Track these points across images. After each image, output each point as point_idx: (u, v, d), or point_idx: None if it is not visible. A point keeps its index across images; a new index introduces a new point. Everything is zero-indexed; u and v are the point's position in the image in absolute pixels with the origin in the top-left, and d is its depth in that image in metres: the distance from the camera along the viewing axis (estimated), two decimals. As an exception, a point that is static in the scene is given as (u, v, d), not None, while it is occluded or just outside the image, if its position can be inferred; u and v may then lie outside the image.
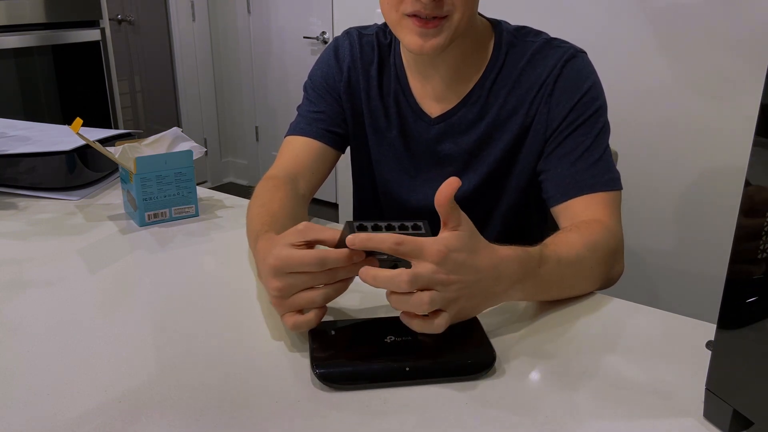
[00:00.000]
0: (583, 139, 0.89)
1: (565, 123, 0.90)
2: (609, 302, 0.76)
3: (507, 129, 0.94)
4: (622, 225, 0.87)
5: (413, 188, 1.02)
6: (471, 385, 0.59)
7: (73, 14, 2.68)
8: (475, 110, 0.95)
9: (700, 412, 0.55)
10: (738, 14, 1.60)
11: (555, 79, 0.91)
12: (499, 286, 0.63)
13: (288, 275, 0.62)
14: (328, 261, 0.61)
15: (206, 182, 3.86)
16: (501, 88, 0.94)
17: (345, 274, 0.63)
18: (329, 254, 0.61)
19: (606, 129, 0.92)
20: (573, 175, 0.88)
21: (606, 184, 0.88)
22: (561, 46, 0.93)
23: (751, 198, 0.47)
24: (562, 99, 0.90)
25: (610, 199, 0.87)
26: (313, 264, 0.61)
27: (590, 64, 0.93)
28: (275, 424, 0.54)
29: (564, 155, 0.90)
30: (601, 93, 0.93)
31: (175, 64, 3.61)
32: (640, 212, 1.84)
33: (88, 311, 0.73)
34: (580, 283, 0.75)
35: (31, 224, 1.00)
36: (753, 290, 0.48)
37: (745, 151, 0.50)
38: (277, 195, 0.88)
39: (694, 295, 1.79)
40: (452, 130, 0.97)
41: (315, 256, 0.61)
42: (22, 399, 0.57)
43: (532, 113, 0.92)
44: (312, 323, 0.63)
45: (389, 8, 0.86)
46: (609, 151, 0.91)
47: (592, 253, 0.75)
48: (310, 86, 1.05)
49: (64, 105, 2.74)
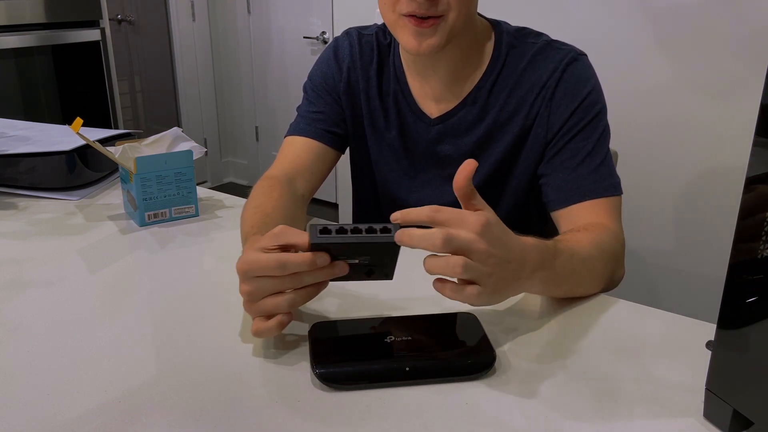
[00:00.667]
0: (584, 144, 0.89)
1: (566, 128, 0.90)
2: (609, 302, 0.76)
3: (507, 130, 0.94)
4: (622, 228, 0.88)
5: (412, 189, 1.02)
6: (470, 385, 0.59)
7: (73, 14, 2.68)
8: (475, 111, 0.95)
9: (700, 412, 0.55)
10: (738, 14, 1.60)
11: (556, 82, 0.91)
12: (524, 272, 0.63)
13: (255, 279, 0.62)
14: (288, 265, 0.60)
15: (206, 182, 3.86)
16: (501, 90, 0.94)
17: (311, 278, 0.62)
18: (290, 258, 0.60)
19: (606, 133, 0.92)
20: (574, 181, 0.88)
21: (607, 189, 0.88)
22: (562, 48, 0.93)
23: (751, 198, 0.47)
24: (563, 103, 0.90)
25: (611, 205, 0.87)
26: (273, 268, 0.61)
27: (590, 67, 0.93)
28: (275, 424, 0.54)
29: (565, 160, 0.90)
30: (601, 96, 0.93)
31: (175, 64, 3.61)
32: (640, 212, 1.84)
33: (88, 311, 0.73)
34: (588, 281, 0.76)
35: (31, 224, 1.00)
36: (753, 290, 0.48)
37: (745, 151, 0.50)
38: (272, 195, 0.88)
39: (694, 295, 1.79)
40: (452, 130, 0.97)
41: (275, 260, 0.60)
42: (22, 399, 0.57)
43: (532, 115, 0.92)
44: (273, 331, 0.63)
45: (386, 8, 0.87)
46: (609, 154, 0.91)
47: (600, 253, 0.76)
48: (309, 86, 1.05)
49: (64, 105, 2.73)
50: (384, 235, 0.59)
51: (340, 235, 0.59)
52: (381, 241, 0.59)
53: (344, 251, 0.61)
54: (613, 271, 0.80)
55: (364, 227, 0.59)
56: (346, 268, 0.63)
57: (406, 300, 0.74)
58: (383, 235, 0.59)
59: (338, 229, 0.60)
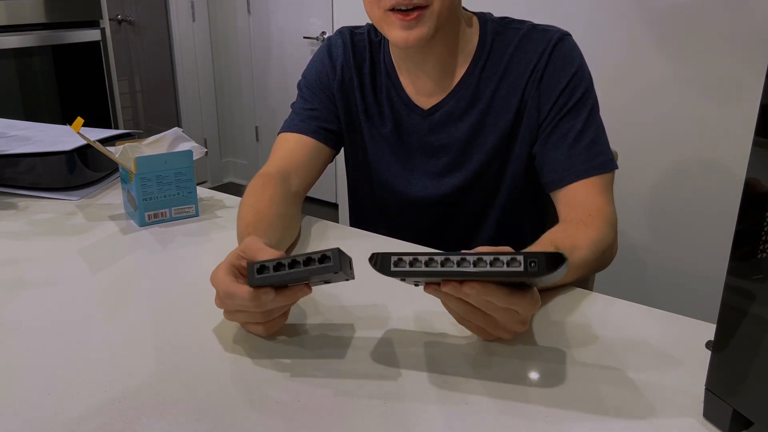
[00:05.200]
0: (573, 123, 0.91)
1: (556, 108, 0.92)
2: (609, 302, 0.76)
3: (501, 116, 0.95)
4: (614, 205, 0.90)
5: (411, 181, 1.03)
6: (470, 385, 0.59)
7: (73, 14, 2.68)
8: (467, 98, 0.96)
9: (700, 412, 0.55)
10: (738, 14, 1.60)
11: (545, 64, 0.92)
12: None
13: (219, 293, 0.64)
14: (235, 298, 0.61)
15: (206, 182, 3.86)
16: (491, 75, 0.95)
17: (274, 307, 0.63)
18: (236, 293, 0.61)
19: (595, 108, 0.94)
20: (566, 161, 0.91)
21: (599, 167, 0.90)
22: (548, 30, 0.95)
23: (751, 198, 0.47)
24: (551, 84, 0.92)
25: (604, 183, 0.90)
26: (222, 296, 0.63)
27: (575, 45, 0.95)
28: (275, 424, 0.54)
29: (557, 140, 0.92)
30: (587, 73, 0.94)
31: (175, 64, 3.61)
32: (640, 212, 1.84)
33: (88, 311, 0.73)
34: (577, 275, 0.78)
35: (31, 224, 1.00)
36: (753, 290, 0.48)
37: (745, 151, 0.50)
38: (266, 193, 0.89)
39: (694, 295, 1.79)
40: (445, 119, 0.98)
41: (224, 290, 0.62)
42: (22, 399, 0.57)
43: (525, 98, 0.94)
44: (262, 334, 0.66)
45: (371, 6, 0.88)
46: (601, 130, 0.93)
47: (595, 252, 0.79)
48: (304, 84, 1.05)
49: (64, 105, 2.73)
50: (323, 266, 0.57)
51: (277, 273, 0.59)
52: (320, 271, 0.58)
53: (288, 282, 0.60)
54: (606, 258, 0.84)
55: (302, 259, 0.58)
56: (308, 291, 0.62)
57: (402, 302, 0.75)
58: (322, 266, 0.57)
59: (275, 265, 0.59)
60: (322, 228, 0.98)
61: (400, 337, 0.67)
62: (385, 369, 0.62)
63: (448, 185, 1.00)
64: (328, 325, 0.70)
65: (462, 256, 0.54)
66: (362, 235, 0.97)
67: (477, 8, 1.01)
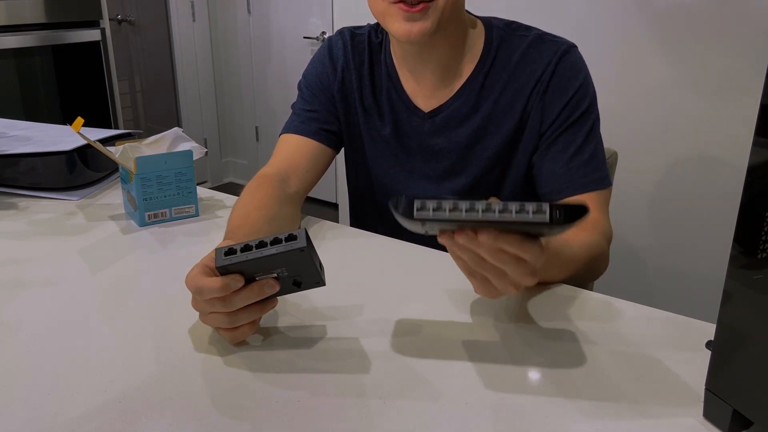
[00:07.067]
0: (574, 137, 0.91)
1: (558, 121, 0.92)
2: (609, 302, 0.76)
3: (503, 123, 0.95)
4: (611, 223, 0.91)
5: (409, 183, 1.03)
6: (470, 385, 0.59)
7: (73, 14, 2.67)
8: (469, 104, 0.96)
9: (700, 412, 0.55)
10: (738, 14, 1.60)
11: (550, 75, 0.92)
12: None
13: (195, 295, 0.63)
14: (203, 291, 0.61)
15: (206, 182, 3.85)
16: (495, 82, 0.95)
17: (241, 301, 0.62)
18: (204, 284, 0.61)
19: (596, 124, 0.94)
20: (565, 174, 0.91)
21: (596, 182, 0.91)
22: (555, 41, 0.94)
23: (751, 197, 0.47)
24: (555, 96, 0.92)
25: (600, 198, 0.91)
26: (194, 292, 0.62)
27: (581, 58, 0.95)
28: (275, 424, 0.54)
29: (556, 153, 0.92)
30: (591, 87, 0.94)
31: (175, 64, 3.61)
32: (640, 212, 1.84)
33: (88, 311, 0.73)
34: (564, 274, 0.78)
35: (31, 224, 1.00)
36: (752, 290, 0.48)
37: (745, 151, 0.50)
38: (257, 196, 0.89)
39: (694, 295, 1.79)
40: (445, 123, 0.98)
41: (193, 285, 0.62)
42: (22, 399, 0.57)
43: (528, 109, 0.94)
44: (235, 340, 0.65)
45: None
46: (600, 145, 0.93)
47: (586, 252, 0.80)
48: (304, 85, 1.05)
49: (64, 105, 2.73)
50: (290, 243, 0.57)
51: (244, 252, 0.58)
52: (288, 249, 0.57)
53: (257, 268, 0.60)
54: (597, 267, 0.85)
55: (269, 239, 0.58)
56: (275, 285, 0.62)
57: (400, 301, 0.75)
58: (289, 243, 0.57)
59: (243, 247, 0.59)
60: (322, 228, 0.99)
61: (400, 337, 0.67)
62: (385, 369, 0.62)
63: (448, 189, 0.99)
64: (328, 325, 0.70)
65: (488, 204, 0.52)
66: (362, 235, 0.97)
67: (479, 7, 1.01)
